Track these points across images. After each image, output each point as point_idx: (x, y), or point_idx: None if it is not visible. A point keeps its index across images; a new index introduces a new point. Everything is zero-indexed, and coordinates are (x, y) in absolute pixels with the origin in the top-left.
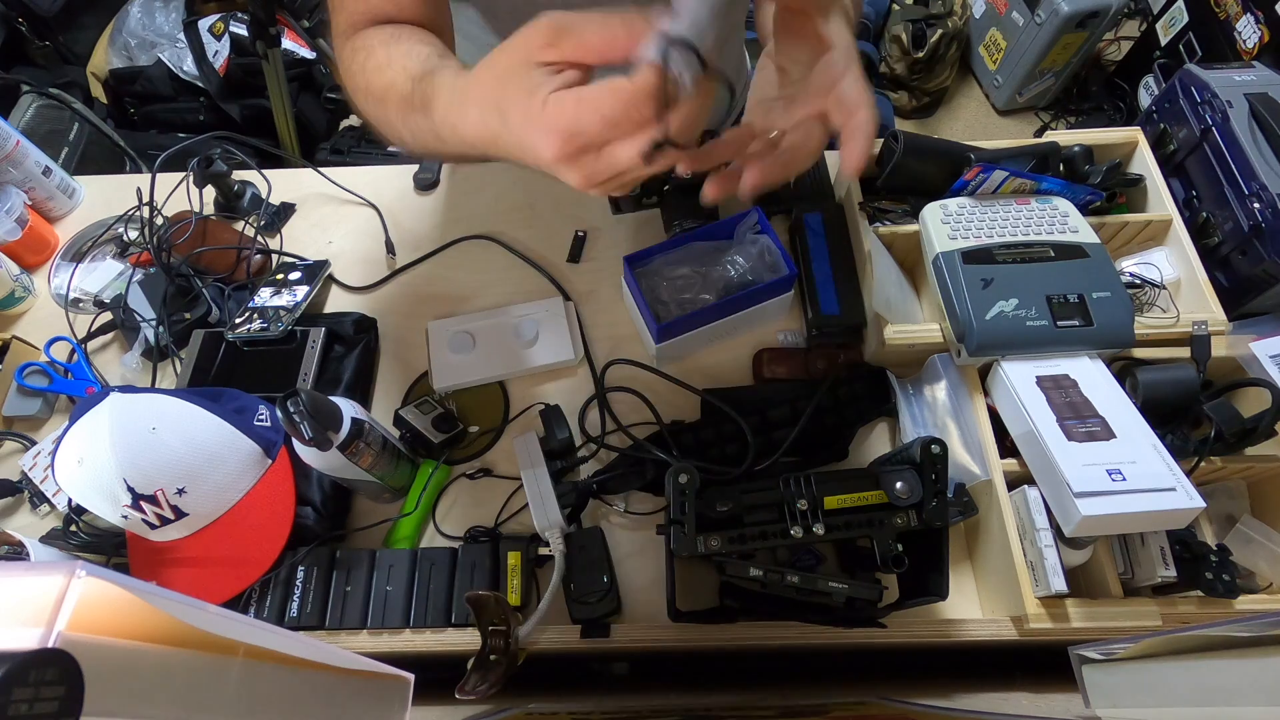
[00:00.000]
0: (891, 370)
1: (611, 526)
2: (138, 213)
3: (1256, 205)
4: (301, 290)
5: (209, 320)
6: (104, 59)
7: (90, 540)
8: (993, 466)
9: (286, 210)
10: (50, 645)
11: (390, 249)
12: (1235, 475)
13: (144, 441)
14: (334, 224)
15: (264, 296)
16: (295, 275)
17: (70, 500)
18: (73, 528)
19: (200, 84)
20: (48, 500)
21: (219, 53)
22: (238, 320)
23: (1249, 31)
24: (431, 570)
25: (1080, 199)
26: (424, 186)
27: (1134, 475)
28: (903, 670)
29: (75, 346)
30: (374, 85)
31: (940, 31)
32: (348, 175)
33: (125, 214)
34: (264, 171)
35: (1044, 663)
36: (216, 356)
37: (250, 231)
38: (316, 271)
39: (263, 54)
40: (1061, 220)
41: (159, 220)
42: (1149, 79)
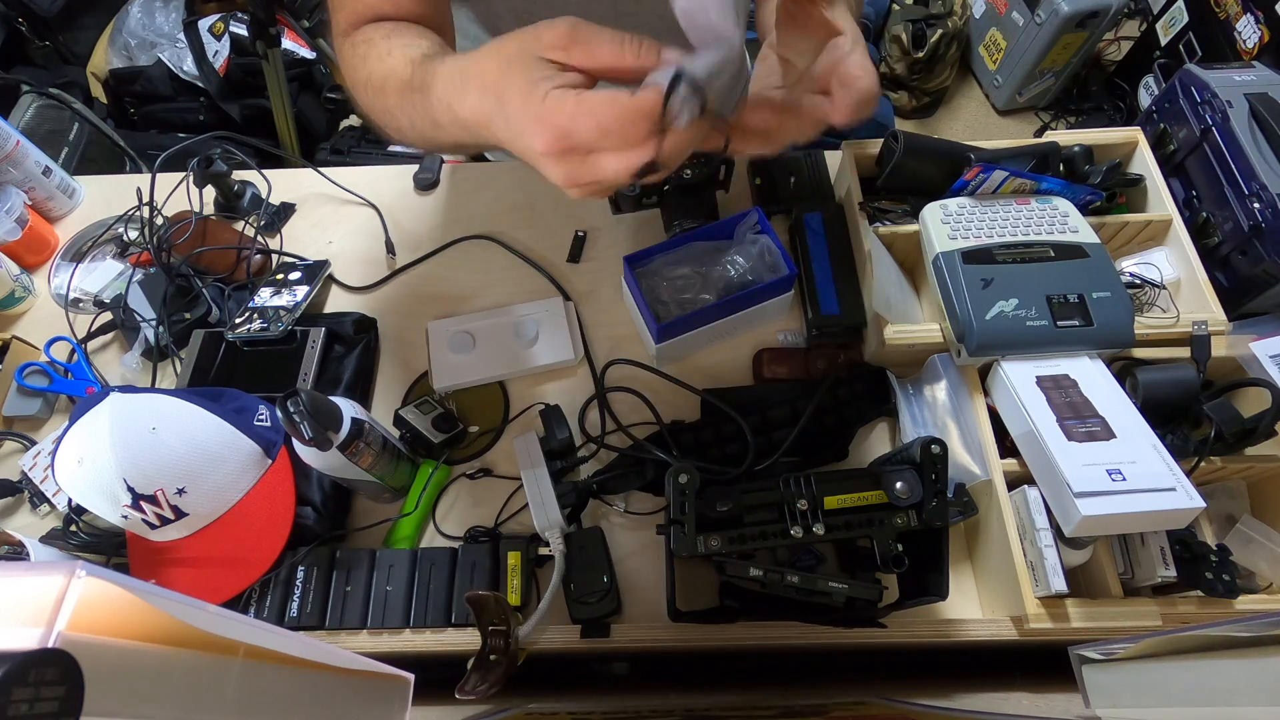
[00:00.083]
0: (891, 370)
1: (611, 526)
2: (138, 213)
3: (1256, 205)
4: (301, 290)
5: (209, 320)
6: (104, 59)
7: (90, 540)
8: (993, 466)
9: (286, 210)
10: (50, 645)
11: (390, 249)
12: (1235, 475)
13: (144, 441)
14: (334, 224)
15: (264, 296)
16: (295, 275)
17: (70, 500)
18: (73, 528)
19: (200, 84)
20: (48, 500)
21: (219, 53)
22: (238, 320)
23: (1249, 31)
24: (431, 570)
25: (1080, 199)
26: (424, 186)
27: (1134, 475)
28: (903, 670)
29: (75, 346)
30: (374, 74)
31: (940, 31)
32: (348, 175)
33: (125, 214)
34: (264, 171)
35: (1044, 663)
36: (216, 356)
37: (250, 231)
38: (316, 271)
39: (263, 54)
40: (1061, 220)
41: (159, 220)
42: (1149, 79)
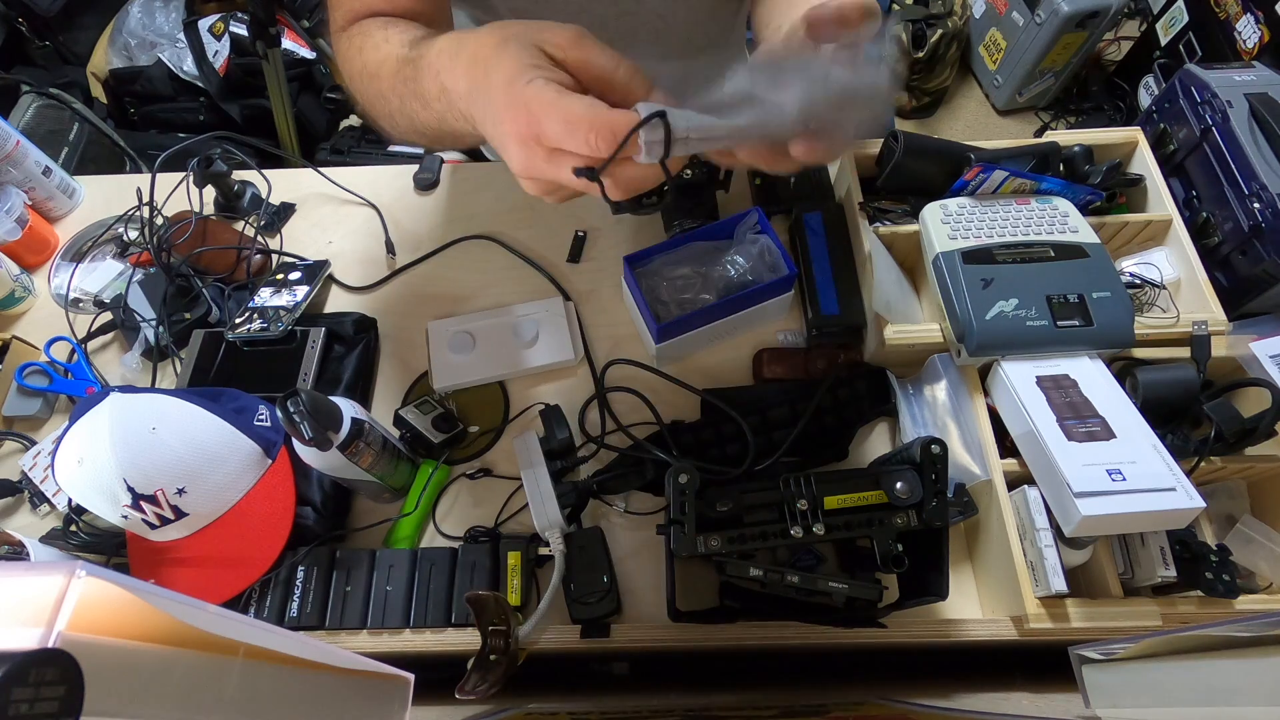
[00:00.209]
0: (891, 370)
1: (611, 526)
2: (138, 213)
3: (1256, 205)
4: (301, 290)
5: (209, 320)
6: (104, 59)
7: (90, 540)
8: (993, 466)
9: (286, 210)
10: (50, 645)
11: (390, 249)
12: (1235, 475)
13: (144, 441)
14: (334, 224)
15: (264, 296)
16: (295, 275)
17: (70, 500)
18: (73, 528)
19: (200, 84)
20: (48, 500)
21: (219, 53)
22: (238, 320)
23: (1249, 31)
24: (431, 570)
25: (1080, 199)
26: (424, 186)
27: (1134, 475)
28: (903, 670)
29: (75, 346)
30: (370, 61)
31: (940, 31)
32: (348, 175)
33: (125, 214)
34: (264, 171)
35: (1044, 663)
36: (216, 356)
37: (250, 231)
38: (316, 271)
39: (263, 54)
40: (1061, 220)
41: (159, 220)
42: (1149, 79)
